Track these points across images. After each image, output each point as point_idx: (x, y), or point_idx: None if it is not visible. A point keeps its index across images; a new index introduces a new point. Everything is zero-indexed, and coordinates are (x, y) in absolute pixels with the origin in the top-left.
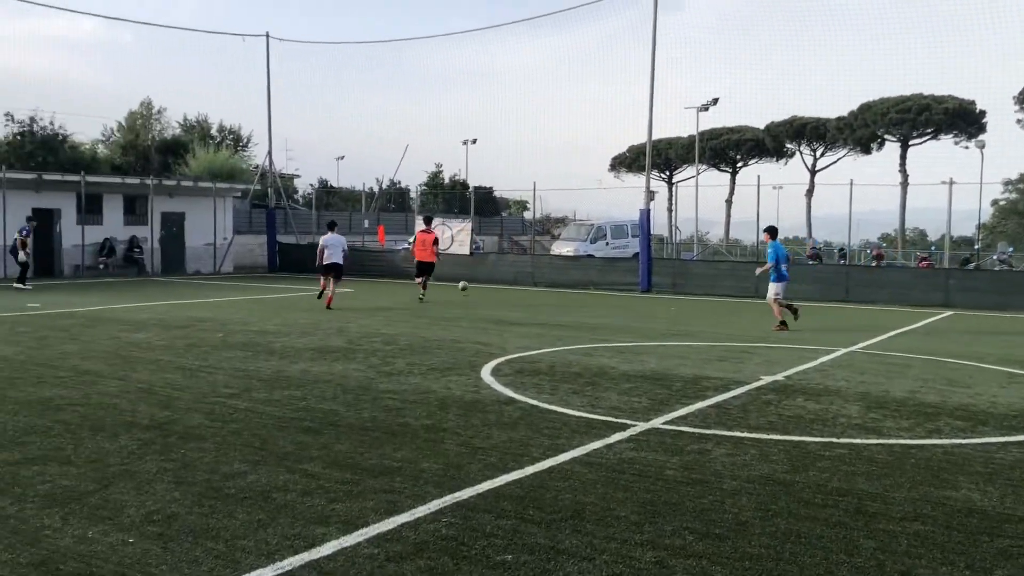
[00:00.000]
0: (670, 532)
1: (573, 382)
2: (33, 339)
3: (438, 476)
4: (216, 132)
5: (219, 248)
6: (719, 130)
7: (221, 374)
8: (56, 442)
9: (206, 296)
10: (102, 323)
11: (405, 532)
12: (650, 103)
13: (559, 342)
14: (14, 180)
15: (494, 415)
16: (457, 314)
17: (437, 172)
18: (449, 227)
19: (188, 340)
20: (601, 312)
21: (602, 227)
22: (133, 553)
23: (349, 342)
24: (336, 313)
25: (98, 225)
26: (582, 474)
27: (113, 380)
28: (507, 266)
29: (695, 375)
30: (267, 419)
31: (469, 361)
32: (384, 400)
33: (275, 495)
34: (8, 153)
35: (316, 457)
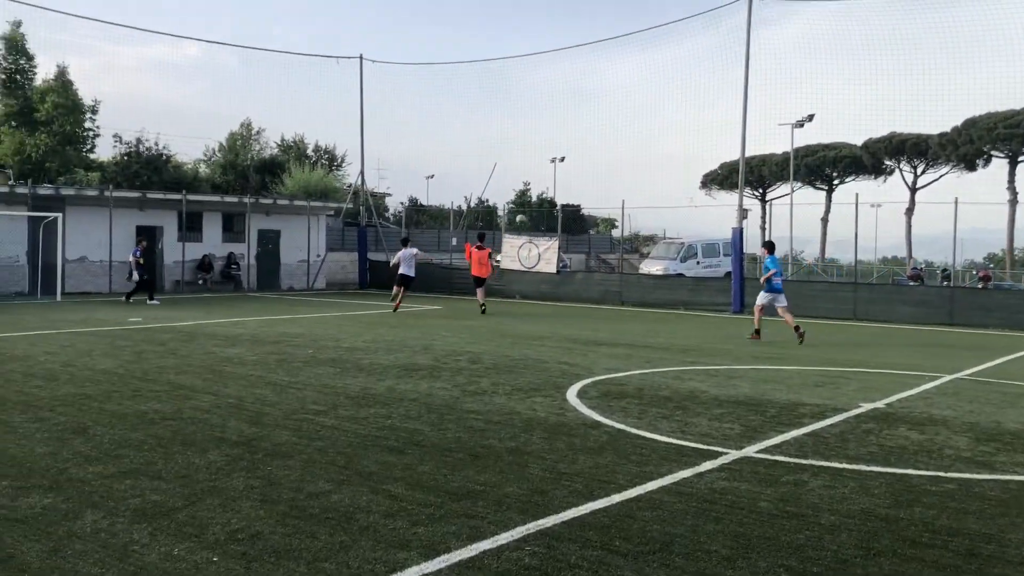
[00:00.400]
0: (764, 569)
1: (662, 406)
2: (132, 353)
3: (522, 502)
4: (311, 152)
5: (312, 265)
6: (814, 147)
7: (310, 391)
8: (148, 456)
9: (298, 312)
10: (198, 338)
11: (487, 560)
12: (743, 120)
13: (647, 364)
14: (120, 199)
15: (579, 439)
16: (542, 333)
17: (525, 190)
18: (536, 245)
19: (279, 356)
20: (691, 333)
21: (692, 245)
22: (216, 572)
23: (435, 360)
24: (422, 330)
25: (198, 242)
26: (671, 504)
27: (206, 395)
28: (594, 285)
29: (790, 401)
30: (352, 437)
31: (555, 382)
32: (468, 420)
33: (358, 516)
34: (115, 173)
35: (399, 478)
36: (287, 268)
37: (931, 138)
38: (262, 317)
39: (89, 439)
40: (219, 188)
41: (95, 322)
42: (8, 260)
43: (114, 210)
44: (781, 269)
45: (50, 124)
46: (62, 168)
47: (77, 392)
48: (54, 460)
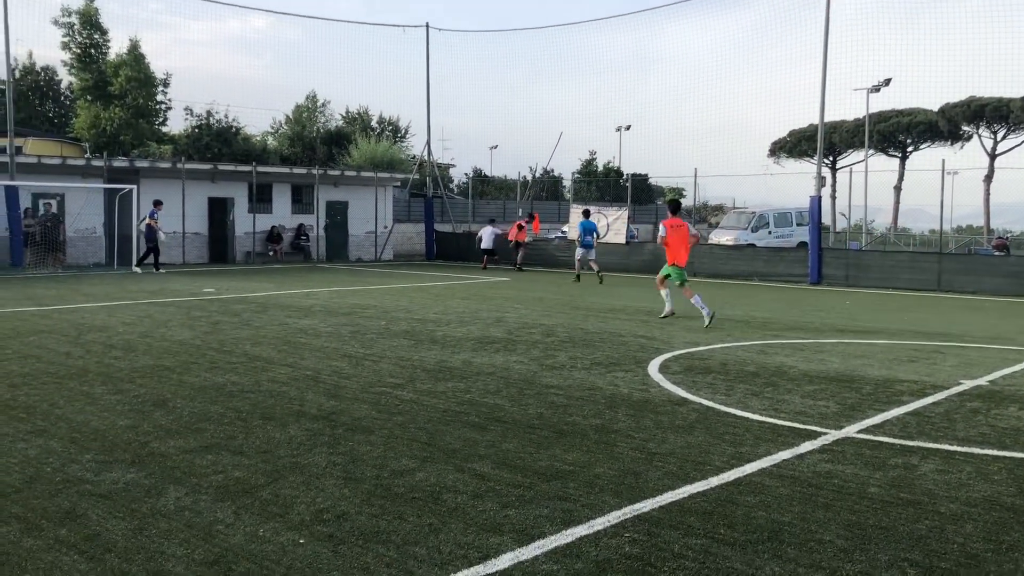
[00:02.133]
0: (886, 563)
1: (750, 382)
2: (208, 324)
3: (614, 483)
4: (376, 123)
5: (380, 236)
6: (888, 113)
7: (385, 363)
8: (228, 430)
9: (368, 283)
10: (271, 309)
11: (585, 547)
12: (822, 84)
13: (728, 338)
14: (192, 171)
15: (667, 417)
16: (615, 305)
17: (591, 159)
18: (604, 215)
19: (353, 327)
20: (770, 305)
21: (764, 215)
22: (304, 556)
23: (508, 332)
24: (494, 302)
25: (267, 214)
26: (774, 488)
27: (282, 367)
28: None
29: (885, 377)
30: (432, 412)
31: (634, 356)
32: (549, 396)
33: (445, 496)
34: (187, 145)
35: (484, 456)
36: (355, 239)
37: (1013, 102)
38: (332, 288)
39: (169, 412)
40: (287, 160)
41: (170, 292)
42: (86, 231)
43: (186, 182)
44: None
45: (123, 97)
46: (136, 141)
47: (155, 364)
48: (136, 433)
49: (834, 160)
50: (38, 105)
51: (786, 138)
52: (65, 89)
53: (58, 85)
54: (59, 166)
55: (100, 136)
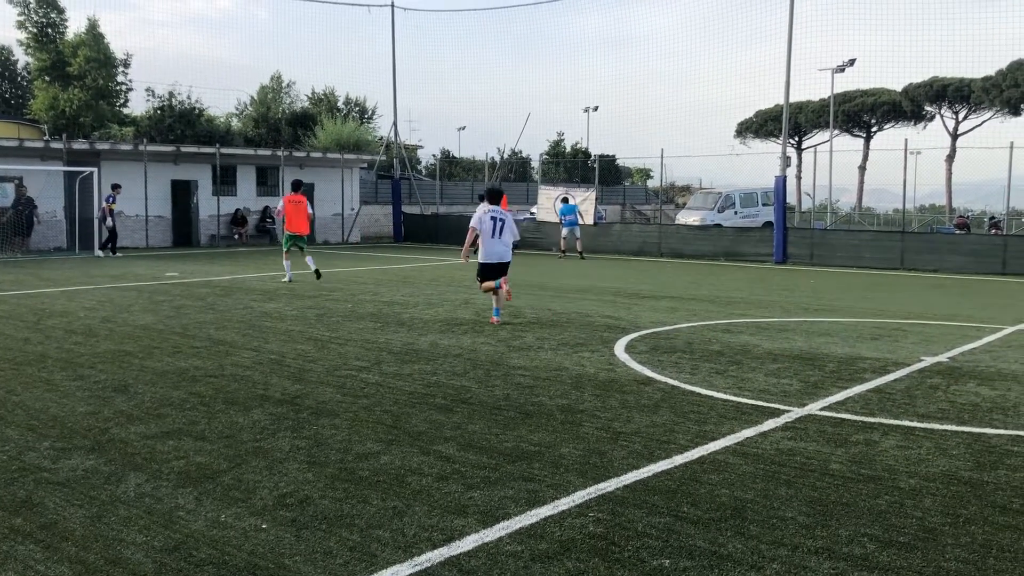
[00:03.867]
0: (847, 538)
1: (714, 361)
2: (171, 308)
3: (579, 463)
4: (343, 104)
5: (347, 218)
6: (852, 93)
7: (351, 346)
8: (191, 415)
9: (335, 266)
10: (236, 292)
11: (549, 528)
12: (787, 64)
13: (694, 317)
14: (155, 153)
15: (633, 396)
16: (583, 286)
17: (559, 140)
18: (572, 196)
19: (318, 310)
20: (735, 285)
21: (730, 195)
22: (266, 541)
23: (476, 314)
24: (462, 284)
25: (232, 196)
26: (737, 466)
27: (247, 351)
28: (632, 236)
29: (848, 355)
30: (399, 394)
31: (601, 336)
32: (515, 377)
33: (410, 479)
34: (149, 127)
35: (450, 438)
36: (322, 221)
37: (974, 82)
38: (298, 271)
39: (131, 397)
40: (252, 142)
41: (133, 277)
42: (46, 215)
43: (149, 164)
44: None
45: (83, 78)
46: (96, 123)
47: (117, 348)
48: (96, 419)
49: (800, 140)
50: None
51: (752, 118)
52: (22, 69)
53: (14, 65)
54: (16, 148)
55: (59, 118)
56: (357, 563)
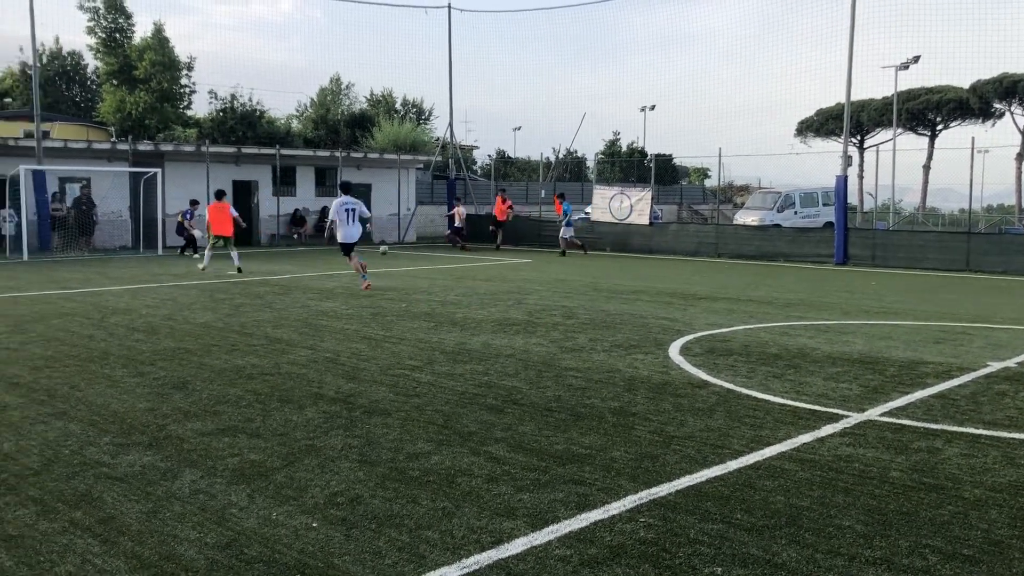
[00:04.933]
0: (907, 549)
1: (772, 364)
2: (230, 306)
3: (631, 467)
4: (400, 106)
5: (403, 218)
6: (917, 90)
7: (405, 345)
8: (246, 413)
9: (390, 265)
10: (293, 291)
11: (599, 532)
12: (849, 61)
13: (751, 319)
14: (217, 154)
15: (687, 399)
16: (637, 287)
17: (615, 140)
18: (628, 196)
19: (373, 309)
20: (794, 286)
21: (790, 195)
22: (316, 540)
23: (529, 314)
24: (515, 284)
25: (292, 196)
26: (793, 472)
27: (302, 349)
28: (689, 236)
29: (910, 359)
30: (450, 394)
31: (655, 338)
32: (567, 378)
33: (459, 480)
34: (211, 129)
35: (500, 439)
36: (378, 222)
37: None
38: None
39: (188, 394)
40: (311, 143)
41: (194, 275)
42: (112, 215)
43: (211, 165)
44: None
45: (148, 81)
46: (160, 124)
47: (177, 346)
48: (154, 416)
49: (862, 139)
50: (65, 90)
51: (813, 117)
52: (91, 74)
53: (84, 70)
54: (85, 150)
55: (125, 120)
56: (406, 564)
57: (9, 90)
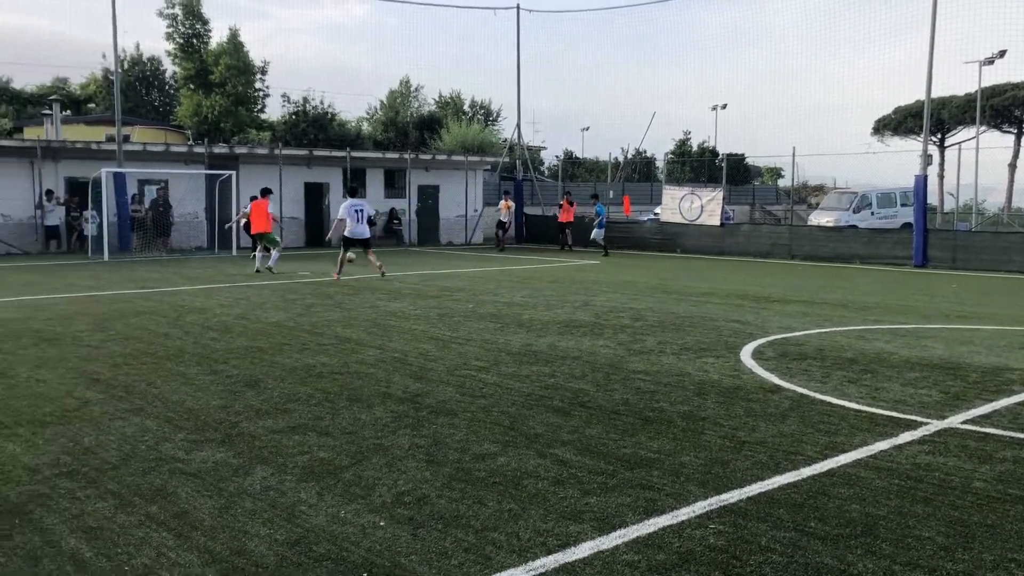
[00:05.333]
0: (991, 563)
1: (847, 369)
2: (301, 306)
3: (700, 473)
4: (468, 107)
5: (470, 219)
6: (1002, 86)
7: (471, 346)
8: (316, 411)
9: (457, 266)
10: (363, 291)
11: (668, 538)
12: (930, 55)
13: (826, 322)
14: (289, 156)
15: (759, 404)
16: (708, 288)
17: (685, 139)
18: (698, 196)
19: (441, 310)
20: (871, 289)
21: (867, 195)
22: (383, 539)
23: (596, 316)
24: (581, 285)
25: (361, 198)
26: (869, 480)
27: (371, 349)
28: (761, 237)
29: (994, 365)
30: (516, 396)
31: (726, 341)
32: (635, 381)
33: (526, 482)
34: (284, 131)
35: (567, 441)
36: (446, 223)
37: None
38: (423, 271)
39: (260, 392)
40: (380, 145)
41: (267, 275)
42: (189, 216)
43: (283, 167)
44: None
45: (223, 85)
46: (235, 128)
47: (249, 345)
48: (227, 413)
49: (942, 137)
50: (144, 95)
51: (891, 115)
52: (169, 78)
53: (163, 75)
54: (163, 153)
55: (202, 123)
56: (472, 565)
57: (92, 96)
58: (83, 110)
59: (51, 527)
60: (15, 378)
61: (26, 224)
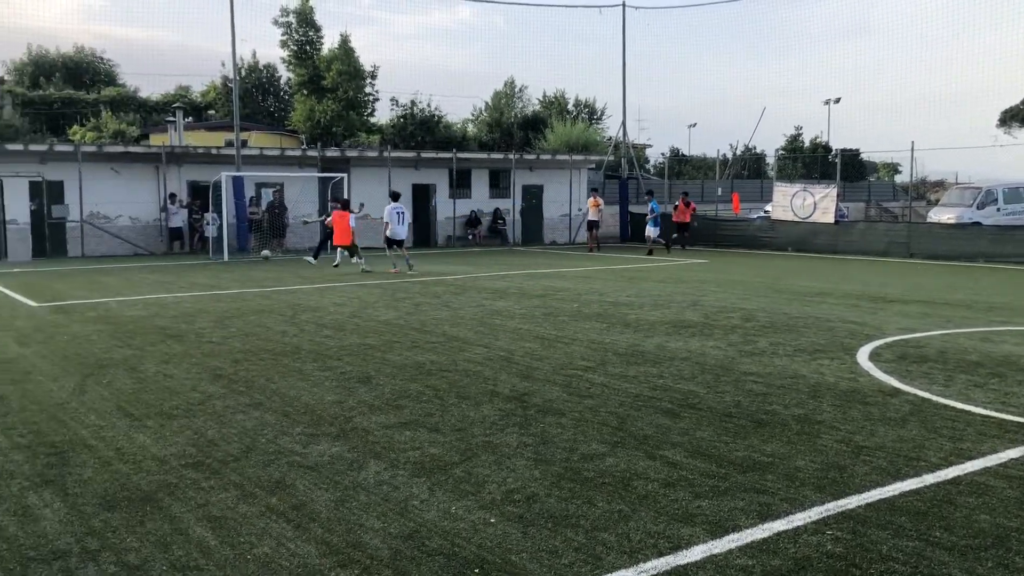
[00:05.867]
0: None
1: (972, 372)
2: (410, 305)
3: (816, 477)
4: (572, 107)
5: (574, 219)
6: None
7: (577, 345)
8: (426, 408)
9: (562, 265)
10: (469, 291)
11: (783, 543)
12: None
13: (948, 323)
14: (397, 158)
15: (877, 408)
16: (822, 288)
17: (796, 135)
18: (811, 193)
19: (545, 309)
20: (997, 289)
21: (992, 191)
22: (494, 535)
23: (705, 317)
24: (690, 285)
25: (467, 199)
26: (999, 490)
27: (478, 347)
28: (878, 235)
29: None
30: (624, 396)
31: (841, 343)
32: (747, 383)
33: (635, 483)
34: (393, 134)
35: (677, 443)
36: (550, 222)
37: None
38: (527, 271)
39: (372, 388)
40: (485, 146)
41: (377, 275)
42: (305, 218)
43: (392, 169)
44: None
45: (335, 91)
46: (346, 131)
47: (361, 342)
48: (341, 408)
49: None
50: (260, 101)
51: (1019, 105)
52: (284, 85)
53: (278, 81)
54: (278, 157)
55: (315, 128)
56: (582, 564)
57: (212, 102)
58: (204, 116)
59: (179, 515)
60: (144, 373)
61: (152, 226)
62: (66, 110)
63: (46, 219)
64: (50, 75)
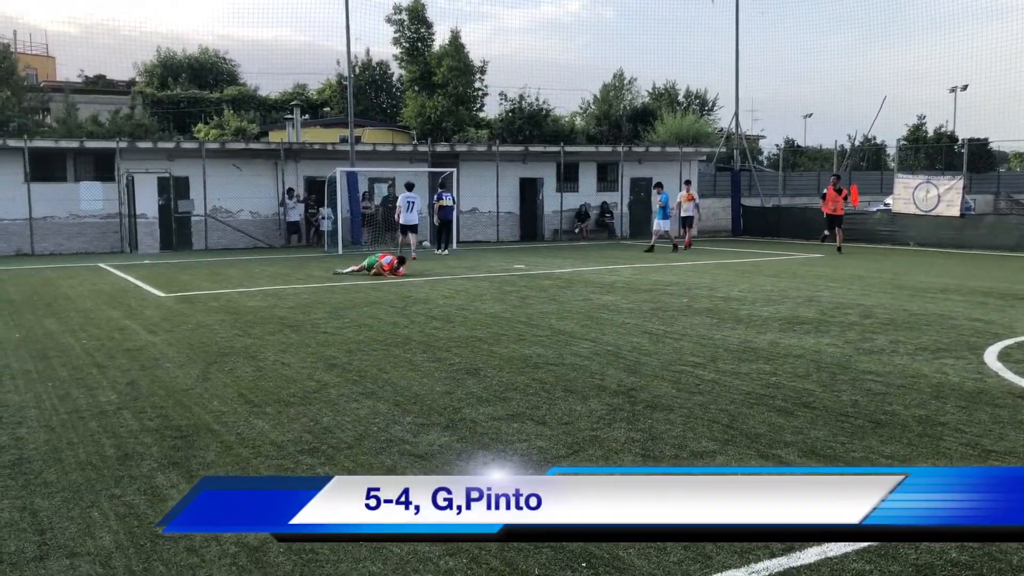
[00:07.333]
0: None
1: None
2: (517, 298)
3: None
4: (683, 98)
5: None
6: None
7: (686, 341)
8: (533, 400)
9: (670, 260)
10: (576, 284)
11: (903, 549)
12: None
13: None
14: (505, 153)
15: (1007, 411)
16: (946, 284)
17: (920, 124)
18: (935, 186)
19: (654, 304)
20: None
21: None
22: None
23: (821, 313)
24: (805, 280)
25: (574, 192)
26: None
27: (584, 341)
28: (1008, 229)
29: None
30: (735, 393)
31: (967, 341)
32: (865, 382)
33: None
34: (501, 129)
35: (791, 443)
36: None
37: None
38: (635, 265)
39: (480, 380)
40: (593, 139)
41: (485, 268)
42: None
43: (500, 164)
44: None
45: (445, 86)
46: (456, 127)
47: (469, 334)
48: (450, 399)
49: None
50: (373, 97)
51: None
52: (396, 81)
53: (390, 78)
54: (390, 152)
55: (425, 123)
56: (691, 563)
57: (328, 100)
58: (319, 114)
59: None
60: (263, 361)
61: (271, 220)
62: (191, 109)
63: (173, 213)
64: (177, 76)
